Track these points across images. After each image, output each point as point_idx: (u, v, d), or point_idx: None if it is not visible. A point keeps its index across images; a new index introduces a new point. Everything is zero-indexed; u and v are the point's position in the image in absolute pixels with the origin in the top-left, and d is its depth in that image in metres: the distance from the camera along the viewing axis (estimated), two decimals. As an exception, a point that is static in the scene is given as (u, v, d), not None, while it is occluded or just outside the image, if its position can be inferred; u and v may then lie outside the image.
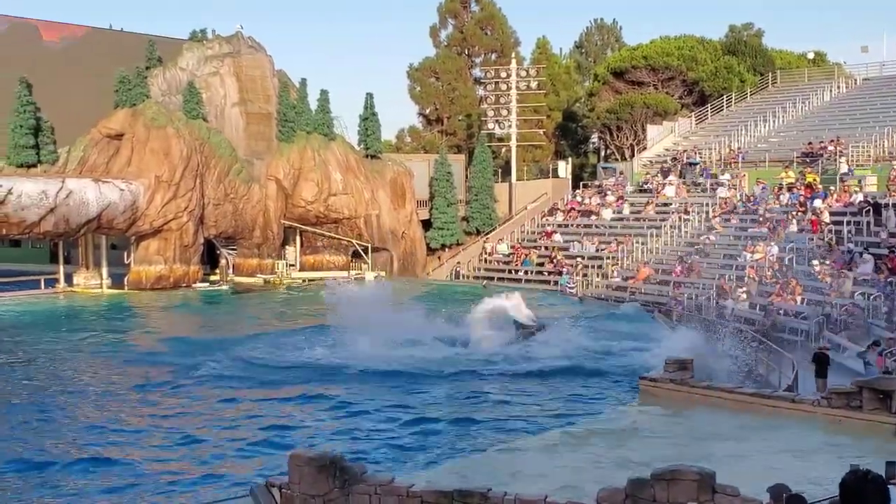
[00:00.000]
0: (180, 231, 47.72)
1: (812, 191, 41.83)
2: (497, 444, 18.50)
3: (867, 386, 17.89)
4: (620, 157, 67.05)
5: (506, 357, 28.92)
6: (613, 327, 34.35)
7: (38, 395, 25.09)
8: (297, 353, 30.27)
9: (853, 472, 4.05)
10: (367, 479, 13.89)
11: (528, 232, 55.73)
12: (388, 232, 54.90)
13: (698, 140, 57.99)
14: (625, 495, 12.51)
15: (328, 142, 54.11)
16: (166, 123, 47.91)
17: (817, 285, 32.09)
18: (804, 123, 54.43)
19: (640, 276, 43.76)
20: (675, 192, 50.87)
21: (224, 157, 50.13)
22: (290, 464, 14.28)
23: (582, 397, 23.65)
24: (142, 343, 33.57)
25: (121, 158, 47.72)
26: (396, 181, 55.82)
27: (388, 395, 24.12)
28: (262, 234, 52.00)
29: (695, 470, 12.48)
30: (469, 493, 13.17)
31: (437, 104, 75.56)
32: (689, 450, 15.86)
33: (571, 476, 14.56)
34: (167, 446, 19.82)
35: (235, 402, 23.74)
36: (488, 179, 59.58)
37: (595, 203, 54.43)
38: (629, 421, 19.35)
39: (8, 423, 21.95)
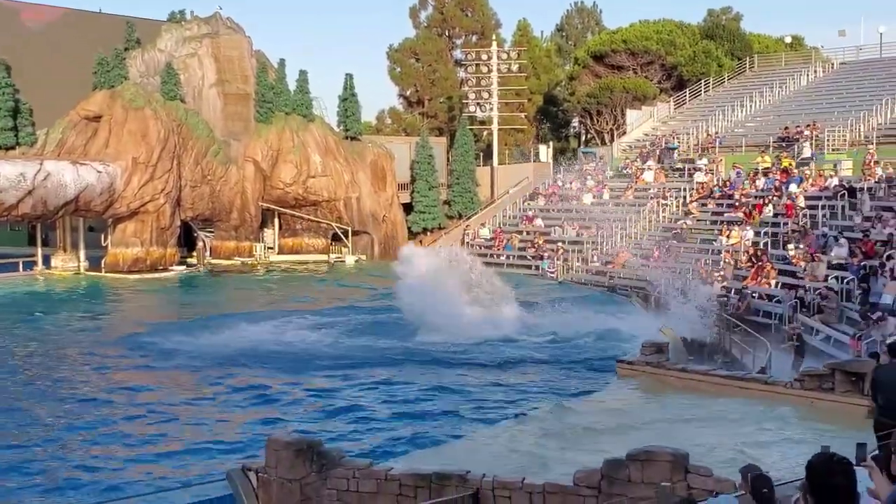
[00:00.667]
0: (157, 213, 47.55)
1: (788, 175, 42.06)
2: (476, 427, 18.63)
3: (839, 368, 18.12)
4: (600, 142, 67.17)
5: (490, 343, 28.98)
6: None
7: (9, 376, 25.04)
8: (276, 336, 30.29)
9: (820, 455, 4.14)
10: (344, 464, 13.98)
11: (510, 216, 55.81)
12: (369, 215, 54.85)
13: (676, 125, 58.12)
14: (601, 476, 12.66)
15: (307, 123, 53.96)
16: (144, 105, 47.68)
17: (792, 269, 32.34)
18: (781, 108, 54.63)
19: (618, 260, 43.98)
20: (654, 177, 51.03)
21: (201, 139, 49.95)
22: (268, 448, 14.35)
23: (560, 380, 23.82)
24: (116, 326, 33.50)
25: (98, 140, 47.47)
26: (377, 163, 55.74)
27: (370, 381, 24.16)
28: (240, 216, 51.86)
29: (669, 451, 12.64)
30: (447, 476, 13.28)
31: (417, 86, 75.42)
32: (663, 431, 16.03)
33: (548, 457, 14.70)
34: (141, 430, 19.83)
35: (211, 387, 23.74)
36: (470, 163, 59.59)
37: (576, 188, 54.56)
38: (606, 403, 19.52)
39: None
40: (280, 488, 14.09)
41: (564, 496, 12.63)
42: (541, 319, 32.61)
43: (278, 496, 14.12)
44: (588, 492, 12.54)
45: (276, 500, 14.14)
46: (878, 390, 12.30)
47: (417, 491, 13.32)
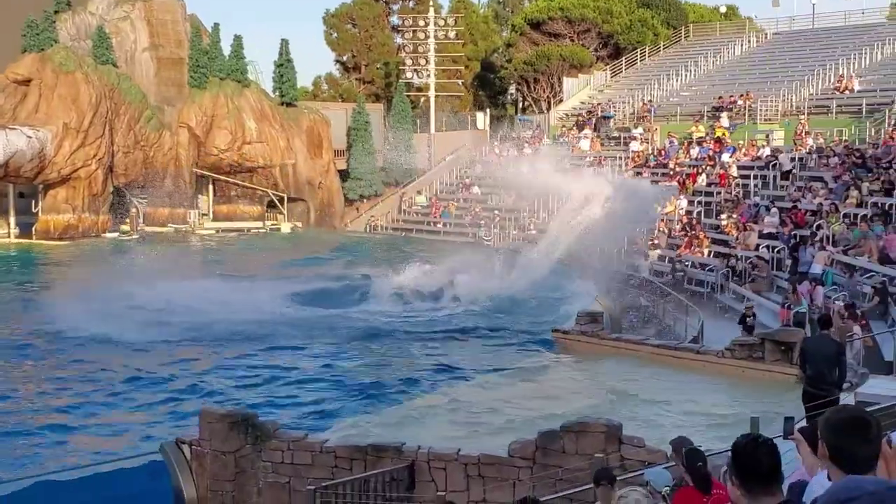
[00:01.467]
0: (89, 179, 46.71)
1: (721, 145, 42.55)
2: (413, 398, 18.66)
3: (769, 338, 18.44)
4: (537, 110, 67.27)
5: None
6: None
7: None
8: (210, 306, 29.95)
9: (745, 436, 4.23)
10: (279, 436, 13.94)
11: (447, 184, 55.75)
12: (305, 182, 54.42)
13: (613, 93, 58.39)
14: (535, 447, 12.78)
15: (242, 88, 53.25)
16: (75, 69, 46.64)
17: (724, 238, 32.81)
18: (715, 77, 55.15)
19: (554, 228, 44.12)
20: (590, 146, 51.29)
21: (134, 104, 49.07)
22: (201, 420, 14.25)
23: (495, 349, 23.92)
24: (45, 295, 32.75)
25: (28, 104, 46.38)
26: (313, 130, 55.25)
27: (307, 351, 24.04)
28: (174, 182, 51.15)
29: (602, 422, 12.79)
30: (383, 448, 13.31)
31: (354, 51, 74.81)
32: (598, 401, 16.22)
33: (481, 428, 14.79)
34: (71, 405, 19.54)
35: (142, 358, 23.37)
36: (407, 129, 59.32)
37: (513, 155, 54.58)
38: (539, 373, 19.67)
39: None
40: (214, 460, 14.03)
41: (500, 467, 12.73)
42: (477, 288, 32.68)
43: (212, 468, 14.06)
44: (523, 463, 12.65)
45: (211, 472, 14.07)
46: (807, 361, 12.56)
47: (353, 463, 13.34)
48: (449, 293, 31.96)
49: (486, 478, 12.72)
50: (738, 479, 3.93)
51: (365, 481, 12.79)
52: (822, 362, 12.27)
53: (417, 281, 32.93)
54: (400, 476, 12.88)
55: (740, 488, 3.91)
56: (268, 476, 13.83)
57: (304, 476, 13.35)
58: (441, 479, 12.85)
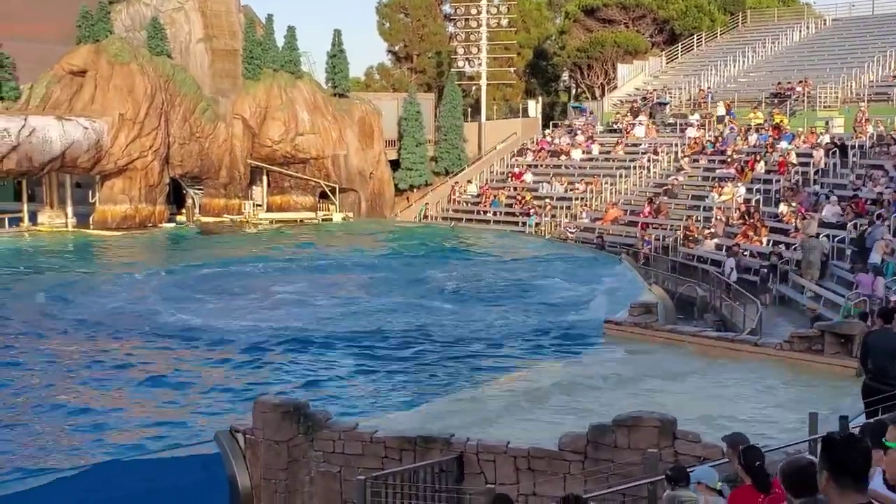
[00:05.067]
0: (145, 170, 47.17)
1: (780, 132, 41.87)
2: (461, 390, 18.55)
3: (829, 330, 18.06)
4: (591, 97, 66.74)
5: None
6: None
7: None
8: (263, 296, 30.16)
9: (840, 434, 4.36)
10: (330, 426, 13.93)
11: (497, 172, 55.53)
12: (356, 172, 54.49)
13: (668, 80, 57.76)
14: (587, 441, 12.61)
15: (295, 80, 53.40)
16: (130, 60, 47.06)
17: (783, 227, 32.26)
18: (773, 64, 54.32)
19: (608, 216, 43.80)
20: (645, 133, 50.81)
21: (189, 95, 49.42)
22: (255, 410, 14.31)
23: (546, 342, 23.70)
24: (105, 285, 33.20)
25: (84, 95, 46.91)
26: (365, 120, 55.28)
27: (356, 342, 24.00)
28: (229, 173, 51.47)
29: (656, 416, 12.58)
30: (432, 439, 13.23)
31: (406, 41, 74.73)
32: (650, 394, 15.97)
33: (534, 422, 14.64)
34: (130, 393, 19.74)
35: (198, 348, 23.55)
36: (458, 119, 59.10)
37: (565, 143, 54.29)
38: (592, 366, 19.43)
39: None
40: (267, 449, 14.07)
41: (550, 461, 12.57)
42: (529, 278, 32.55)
43: (266, 457, 14.11)
44: (573, 457, 12.49)
45: (264, 461, 14.13)
46: (869, 355, 12.21)
47: (402, 453, 13.29)
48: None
49: (535, 471, 12.58)
50: (830, 475, 4.03)
51: (414, 472, 12.72)
52: (884, 356, 11.93)
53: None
54: (449, 468, 12.79)
55: (830, 482, 4.02)
56: (319, 465, 13.84)
57: (355, 466, 13.33)
58: (490, 472, 12.73)
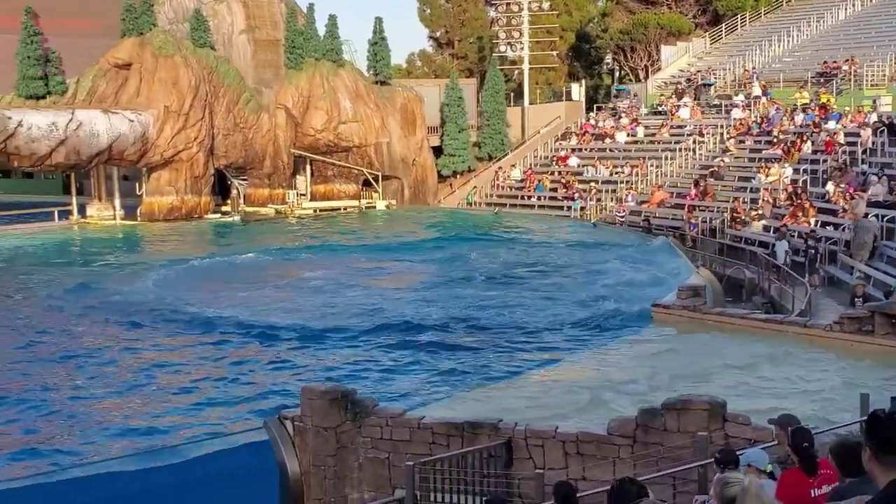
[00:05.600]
0: (191, 162, 47.57)
1: (826, 111, 41.30)
2: (509, 375, 18.54)
3: (879, 311, 17.82)
4: (634, 79, 66.25)
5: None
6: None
7: (52, 327, 25.26)
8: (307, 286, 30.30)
9: (885, 411, 4.37)
10: (378, 412, 14.00)
11: (541, 157, 55.35)
12: (399, 160, 54.57)
13: (712, 61, 57.19)
14: (636, 425, 12.56)
15: (337, 68, 53.53)
16: (174, 52, 47.44)
17: (831, 207, 31.84)
18: (818, 42, 53.53)
19: (654, 199, 43.53)
20: (690, 114, 50.37)
21: (233, 86, 49.72)
22: (303, 397, 14.41)
23: (593, 326, 23.59)
24: (151, 275, 33.49)
25: (129, 88, 47.37)
26: (407, 107, 55.31)
27: (401, 329, 24.05)
28: (273, 163, 51.77)
29: (705, 399, 12.49)
30: (479, 425, 13.25)
31: (447, 27, 74.56)
32: (700, 377, 15.86)
33: (582, 406, 14.60)
34: (179, 380, 19.95)
35: (242, 337, 23.68)
36: (500, 104, 58.92)
37: (609, 126, 53.98)
38: (641, 349, 19.34)
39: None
40: (316, 436, 14.16)
41: (598, 445, 12.54)
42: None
43: (314, 444, 14.20)
44: (622, 441, 12.45)
45: (313, 447, 14.22)
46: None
47: (450, 439, 13.32)
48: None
49: (584, 455, 12.55)
50: (874, 451, 4.06)
51: (462, 457, 12.74)
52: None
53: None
54: (497, 453, 12.80)
55: (873, 459, 4.05)
56: (367, 451, 13.91)
57: (403, 452, 13.39)
58: (539, 457, 12.72)
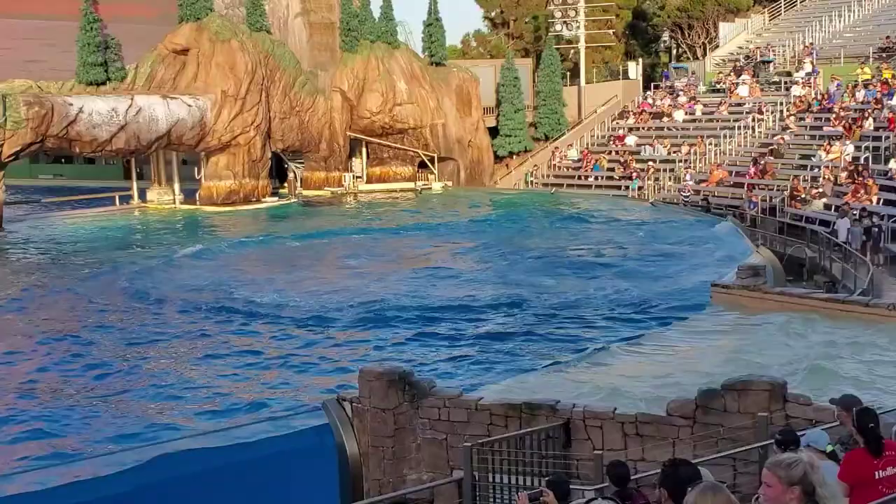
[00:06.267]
0: (248, 146, 47.91)
1: (888, 87, 40.46)
2: (567, 356, 18.48)
3: (946, 289, 17.47)
4: (692, 57, 65.51)
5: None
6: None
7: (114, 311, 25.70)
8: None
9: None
10: (435, 393, 14.04)
11: (598, 136, 54.98)
12: (455, 141, 54.52)
13: (771, 37, 56.30)
14: (695, 406, 12.46)
15: (392, 50, 53.58)
16: (231, 37, 47.75)
17: (893, 185, 31.25)
18: (881, 17, 52.40)
19: (712, 178, 43.06)
20: (749, 92, 49.69)
21: (289, 70, 49.96)
22: (360, 379, 14.50)
23: (651, 307, 23.45)
24: (209, 259, 33.89)
25: (187, 74, 47.83)
26: (462, 88, 55.20)
27: (456, 311, 24.06)
28: (329, 146, 51.99)
29: (766, 379, 12.36)
30: (537, 406, 13.23)
31: (502, 7, 74.19)
32: (760, 358, 15.68)
33: (641, 386, 14.51)
34: (239, 365, 20.18)
35: (298, 319, 23.86)
36: (556, 83, 58.54)
37: (667, 104, 53.44)
38: (700, 329, 19.16)
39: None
40: (374, 417, 14.25)
41: (658, 426, 12.46)
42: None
43: (373, 425, 14.29)
44: (682, 422, 12.35)
45: (371, 428, 14.31)
46: None
47: (508, 420, 13.32)
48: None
49: (643, 436, 12.48)
50: None
51: (520, 439, 12.74)
52: None
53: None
54: (555, 434, 12.78)
55: None
56: (425, 432, 13.97)
57: (461, 433, 13.42)
58: (598, 438, 12.68)
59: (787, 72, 49.97)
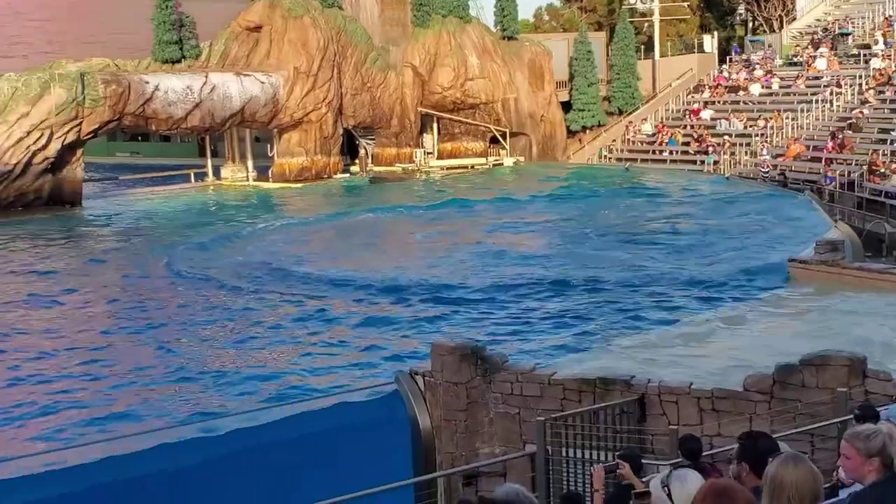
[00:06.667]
0: (320, 122, 48.22)
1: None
2: (641, 331, 18.32)
3: None
4: (769, 29, 64.23)
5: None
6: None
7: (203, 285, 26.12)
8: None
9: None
10: (507, 368, 14.01)
11: (673, 110, 54.30)
12: (527, 116, 54.23)
13: (850, 9, 54.92)
14: (773, 381, 12.28)
15: (464, 25, 53.40)
16: (303, 13, 48.01)
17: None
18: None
19: (789, 153, 42.30)
20: (827, 65, 48.62)
21: (360, 46, 50.09)
22: (433, 353, 14.53)
23: (728, 282, 23.12)
24: (280, 234, 34.20)
25: (260, 51, 48.25)
26: (535, 63, 54.84)
27: (530, 286, 23.98)
28: (400, 122, 52.06)
29: (845, 355, 12.14)
30: (612, 381, 13.14)
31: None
32: (840, 334, 15.37)
33: (718, 362, 14.32)
34: (310, 338, 20.38)
35: (372, 294, 23.98)
36: (630, 57, 57.81)
37: (743, 78, 52.53)
38: (777, 305, 18.85)
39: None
40: (446, 391, 14.28)
41: (734, 401, 12.31)
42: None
43: (445, 399, 14.32)
44: (759, 397, 12.18)
45: (443, 402, 14.34)
46: None
47: (581, 395, 13.25)
48: None
49: (720, 412, 12.33)
50: None
51: (594, 413, 12.67)
52: None
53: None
54: (630, 409, 12.69)
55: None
56: (498, 407, 13.96)
57: (533, 408, 13.37)
58: (673, 413, 12.55)
59: (865, 44, 48.76)
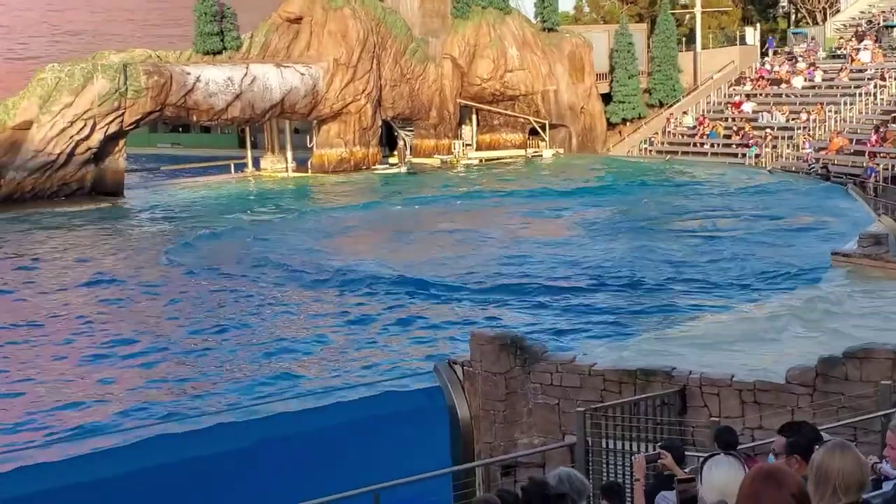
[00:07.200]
0: (359, 114, 48.31)
1: None
2: (682, 323, 18.22)
3: None
4: (812, 22, 63.51)
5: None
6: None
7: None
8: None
9: None
10: (547, 358, 13.98)
11: (714, 103, 53.86)
12: (566, 107, 54.00)
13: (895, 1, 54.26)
14: (815, 374, 12.17)
15: (504, 16, 53.25)
16: (343, 4, 48.08)
17: None
18: None
19: (832, 146, 41.84)
20: (871, 58, 48.03)
21: (400, 37, 50.11)
22: (472, 343, 14.53)
23: (770, 274, 22.95)
24: (318, 225, 34.32)
25: (300, 42, 48.40)
26: (575, 54, 54.58)
27: (569, 278, 23.90)
28: (439, 114, 52.01)
29: (889, 348, 12.01)
30: (653, 372, 13.07)
31: (616, -29, 73.12)
32: (884, 327, 15.19)
33: (759, 355, 14.21)
34: (349, 328, 20.45)
35: (409, 286, 23.98)
36: (672, 49, 57.39)
37: (785, 71, 52.00)
38: (819, 298, 18.65)
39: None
40: (485, 381, 14.28)
41: (777, 394, 12.20)
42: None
43: (484, 388, 14.33)
44: (802, 390, 12.07)
45: (482, 392, 14.35)
46: None
47: (622, 386, 13.19)
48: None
49: (762, 404, 12.22)
50: None
51: (635, 404, 12.61)
52: None
53: None
54: (671, 400, 12.61)
55: None
56: (537, 397, 13.93)
57: (573, 398, 13.32)
58: (714, 405, 12.46)
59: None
